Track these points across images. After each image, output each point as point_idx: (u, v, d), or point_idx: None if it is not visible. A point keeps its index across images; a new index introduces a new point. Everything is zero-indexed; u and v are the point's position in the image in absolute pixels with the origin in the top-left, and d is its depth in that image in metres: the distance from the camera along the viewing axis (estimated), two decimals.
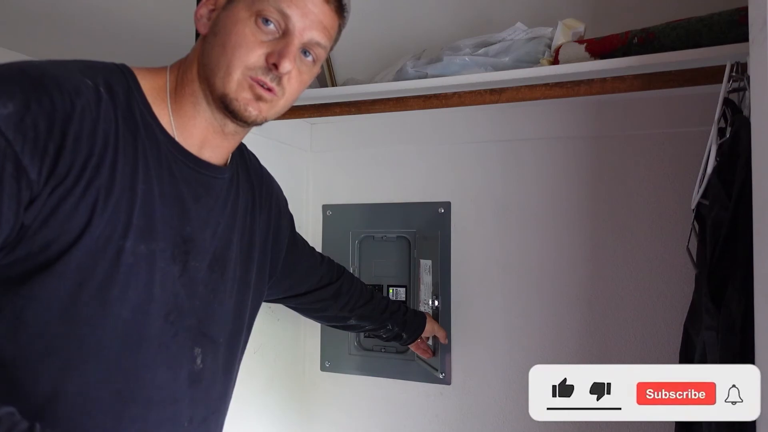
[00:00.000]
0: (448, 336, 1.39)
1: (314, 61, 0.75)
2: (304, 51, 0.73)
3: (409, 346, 1.31)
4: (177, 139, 0.72)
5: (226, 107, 0.71)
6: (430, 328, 1.31)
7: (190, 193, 0.73)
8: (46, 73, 0.60)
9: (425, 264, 1.43)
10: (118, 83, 0.67)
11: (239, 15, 0.69)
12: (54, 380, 0.62)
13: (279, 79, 0.71)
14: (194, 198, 0.74)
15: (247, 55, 0.69)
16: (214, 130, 0.75)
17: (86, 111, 0.61)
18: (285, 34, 0.70)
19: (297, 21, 0.70)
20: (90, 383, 0.64)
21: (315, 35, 0.72)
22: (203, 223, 0.75)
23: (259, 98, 0.71)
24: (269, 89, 0.71)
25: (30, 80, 0.58)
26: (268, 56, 0.69)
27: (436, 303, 1.42)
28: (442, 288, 1.42)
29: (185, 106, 0.72)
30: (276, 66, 0.69)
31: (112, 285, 0.64)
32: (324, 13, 0.73)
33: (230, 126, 0.75)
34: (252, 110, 0.71)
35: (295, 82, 0.74)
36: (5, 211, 0.55)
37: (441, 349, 1.40)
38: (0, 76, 0.57)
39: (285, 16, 0.70)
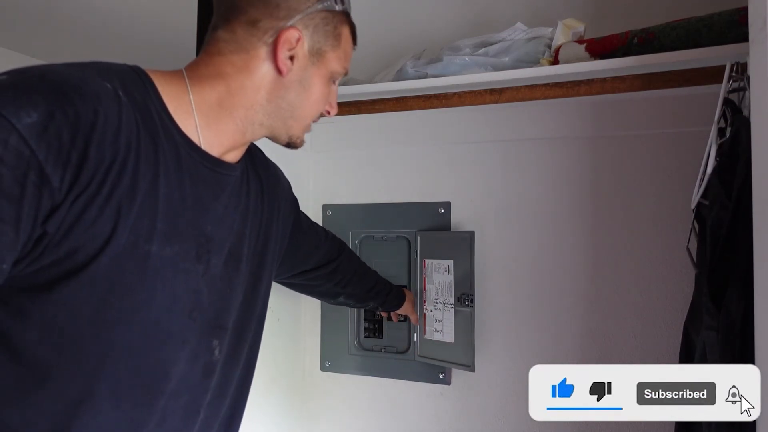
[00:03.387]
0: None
1: None
2: None
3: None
4: (202, 145, 0.72)
5: (289, 143, 0.81)
6: (405, 309, 1.38)
7: (209, 193, 0.74)
8: (67, 80, 0.59)
9: (440, 264, 1.41)
10: (134, 86, 0.67)
11: (324, 74, 0.78)
12: (87, 381, 0.63)
13: None
14: (213, 197, 0.75)
15: (322, 109, 0.82)
16: (243, 141, 0.78)
17: (108, 118, 0.61)
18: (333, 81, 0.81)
19: None
20: (122, 380, 0.66)
21: None
22: (221, 221, 0.76)
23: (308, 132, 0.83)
24: None
25: (52, 88, 0.58)
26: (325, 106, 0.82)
27: (466, 302, 1.35)
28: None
29: (224, 124, 0.74)
30: (329, 113, 0.83)
31: (140, 289, 0.65)
32: None
33: (259, 136, 0.80)
34: (303, 142, 0.83)
35: None
36: (24, 218, 0.55)
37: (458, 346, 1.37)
38: (20, 83, 0.57)
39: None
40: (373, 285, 1.27)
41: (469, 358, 1.32)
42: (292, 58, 0.73)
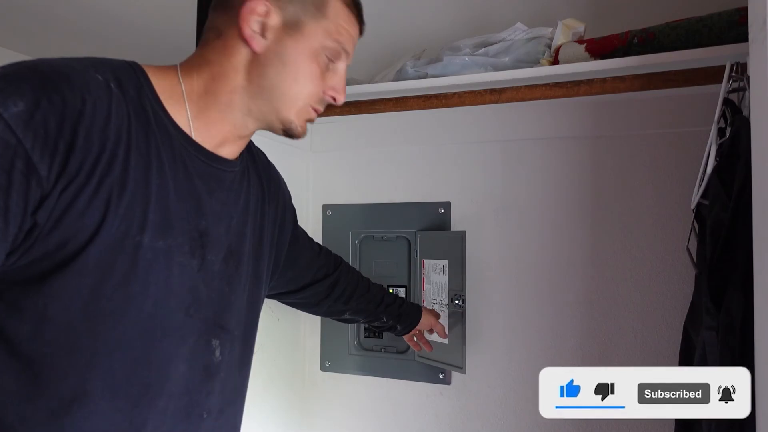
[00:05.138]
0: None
1: None
2: None
3: (405, 339, 1.30)
4: (194, 137, 0.72)
5: (284, 129, 0.77)
6: (427, 322, 1.27)
7: (204, 187, 0.74)
8: (57, 70, 0.60)
9: (436, 264, 1.42)
10: (128, 79, 0.67)
11: (307, 48, 0.73)
12: (81, 376, 0.63)
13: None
14: (208, 192, 0.74)
15: (314, 89, 0.75)
16: (235, 132, 0.76)
17: (97, 107, 0.61)
18: (337, 64, 0.77)
19: (350, 55, 0.79)
20: (117, 377, 0.65)
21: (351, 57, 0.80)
22: (217, 217, 0.76)
23: (310, 120, 0.79)
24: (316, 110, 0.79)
25: (40, 77, 0.58)
26: (326, 89, 0.77)
27: (457, 302, 1.36)
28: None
29: (212, 112, 0.73)
30: (335, 100, 0.79)
31: (132, 280, 0.64)
32: (358, 37, 0.81)
33: (252, 128, 0.78)
34: (304, 131, 0.79)
35: None
36: (13, 207, 0.55)
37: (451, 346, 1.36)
38: (11, 74, 0.57)
39: (347, 55, 0.78)
40: (381, 298, 1.20)
41: (460, 359, 1.32)
42: (264, 33, 0.71)
